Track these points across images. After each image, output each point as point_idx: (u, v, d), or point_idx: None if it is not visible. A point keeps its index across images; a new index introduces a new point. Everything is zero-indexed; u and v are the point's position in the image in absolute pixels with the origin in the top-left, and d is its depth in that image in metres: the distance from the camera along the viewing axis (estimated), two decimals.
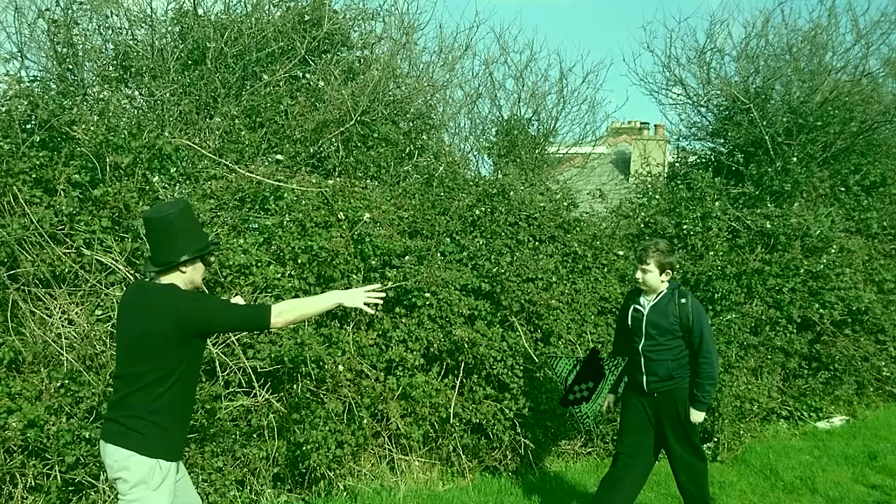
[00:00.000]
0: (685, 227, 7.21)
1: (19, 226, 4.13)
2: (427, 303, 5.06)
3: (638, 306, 4.21)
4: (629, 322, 4.26)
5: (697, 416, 4.14)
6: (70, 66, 5.58)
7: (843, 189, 8.99)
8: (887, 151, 9.67)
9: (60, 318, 4.20)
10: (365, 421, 4.78)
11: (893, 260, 8.61)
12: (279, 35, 6.16)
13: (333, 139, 6.02)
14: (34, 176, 4.29)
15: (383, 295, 3.02)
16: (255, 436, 4.56)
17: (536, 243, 5.97)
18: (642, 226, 7.35)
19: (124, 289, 4.36)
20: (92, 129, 4.49)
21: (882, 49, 9.67)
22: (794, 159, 8.46)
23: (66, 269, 4.25)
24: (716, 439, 6.23)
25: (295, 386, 4.68)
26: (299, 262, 4.67)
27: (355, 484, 4.94)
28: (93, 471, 4.02)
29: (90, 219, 4.37)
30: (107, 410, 2.94)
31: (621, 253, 6.49)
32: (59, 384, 3.98)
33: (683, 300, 4.11)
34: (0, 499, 3.94)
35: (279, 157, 5.56)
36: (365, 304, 2.96)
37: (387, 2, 10.34)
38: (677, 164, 10.10)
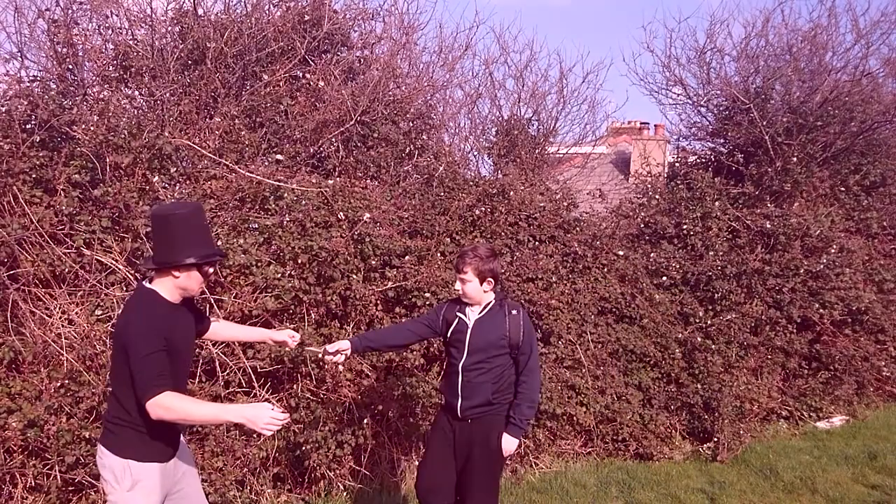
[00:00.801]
0: (685, 227, 7.22)
1: (19, 226, 4.13)
2: (427, 303, 5.06)
3: (463, 317, 3.63)
4: (449, 335, 3.66)
5: (510, 443, 3.59)
6: (70, 66, 5.58)
7: (843, 189, 9.00)
8: (887, 151, 9.68)
9: (60, 318, 4.20)
10: (365, 421, 4.78)
11: (893, 260, 8.62)
12: (279, 35, 6.16)
13: (333, 139, 6.02)
14: (34, 176, 4.30)
15: (286, 421, 2.58)
16: (255, 436, 4.56)
17: (536, 243, 5.97)
18: (642, 226, 7.36)
19: (124, 289, 4.37)
20: (92, 129, 4.50)
21: (882, 49, 9.69)
22: (794, 159, 8.46)
23: (66, 269, 4.25)
24: (716, 439, 6.24)
25: (295, 386, 4.68)
26: (299, 262, 4.67)
27: (355, 484, 4.95)
28: (93, 471, 4.01)
29: (90, 219, 4.37)
30: None
31: (621, 253, 6.50)
32: (59, 384, 3.98)
33: (514, 312, 3.61)
34: (0, 499, 3.94)
35: (279, 157, 5.56)
36: (265, 427, 2.52)
37: (387, 2, 10.35)
38: (677, 164, 10.10)
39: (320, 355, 3.61)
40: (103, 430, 2.76)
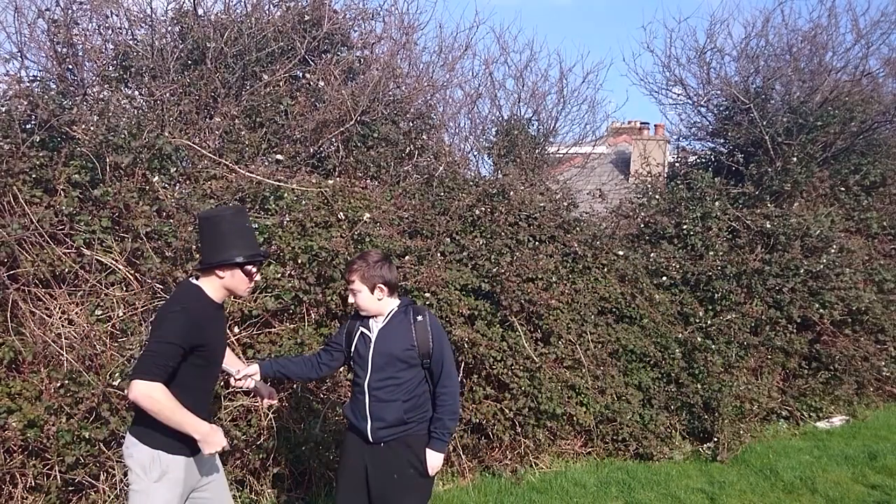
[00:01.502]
0: (685, 227, 7.22)
1: (19, 226, 4.13)
2: (427, 303, 5.06)
3: (366, 331, 3.32)
4: (351, 350, 3.36)
5: (436, 459, 3.28)
6: (70, 66, 5.58)
7: (843, 189, 9.01)
8: (887, 151, 9.69)
9: (60, 318, 4.20)
10: None
11: (893, 260, 8.62)
12: (279, 35, 6.16)
13: (333, 139, 6.03)
14: (34, 176, 4.29)
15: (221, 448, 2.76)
16: (255, 436, 4.56)
17: (536, 243, 5.97)
18: (642, 226, 7.36)
19: (124, 289, 4.37)
20: (92, 129, 4.50)
21: (882, 49, 9.73)
22: (794, 159, 8.47)
23: (66, 269, 4.25)
24: (716, 439, 6.24)
25: (295, 386, 4.68)
26: (299, 262, 4.67)
27: None
28: (93, 471, 4.02)
29: (90, 219, 4.37)
30: None
31: (621, 253, 6.50)
32: (59, 384, 3.98)
33: (420, 317, 3.29)
34: (0, 499, 3.94)
35: (279, 157, 5.56)
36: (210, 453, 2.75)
37: (387, 2, 10.37)
38: (677, 164, 10.11)
39: (232, 380, 3.30)
40: (134, 419, 2.79)
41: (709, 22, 24.05)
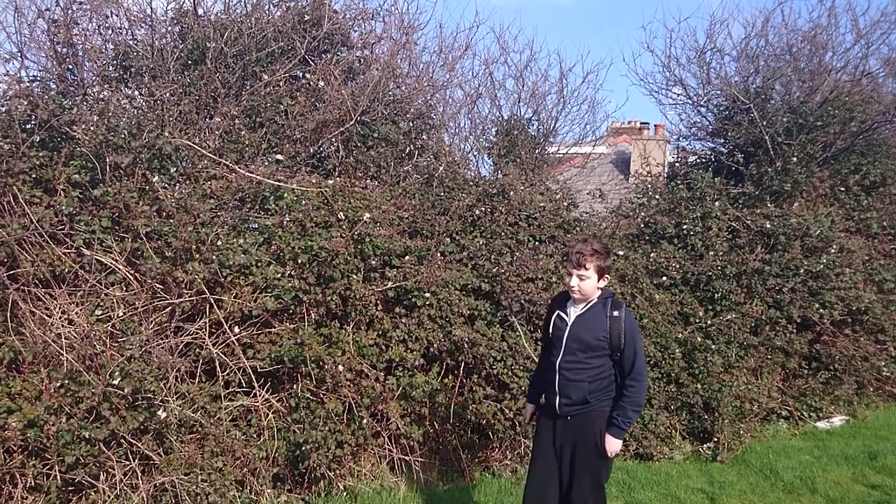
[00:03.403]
0: (685, 227, 7.22)
1: (19, 226, 4.13)
2: (427, 303, 5.06)
3: (563, 314, 3.58)
4: (550, 332, 3.66)
5: (613, 444, 3.49)
6: (70, 66, 5.58)
7: (843, 189, 9.01)
8: (887, 151, 9.69)
9: (60, 318, 4.20)
10: (365, 421, 4.78)
11: (893, 260, 8.62)
12: (279, 35, 6.16)
13: (333, 139, 6.03)
14: (34, 176, 4.30)
15: None
16: (255, 436, 4.56)
17: (536, 243, 5.97)
18: (642, 226, 7.36)
19: (124, 289, 4.37)
20: (92, 129, 4.50)
21: (882, 49, 9.72)
22: (794, 159, 8.47)
23: (66, 269, 4.26)
24: (716, 439, 6.24)
25: (295, 386, 4.68)
26: (299, 262, 4.67)
27: (355, 484, 4.94)
28: (93, 471, 4.02)
29: (90, 219, 4.37)
30: None
31: (621, 253, 6.50)
32: (59, 384, 3.98)
33: (616, 313, 3.49)
34: (0, 499, 3.94)
35: (279, 157, 5.56)
36: None
37: (387, 2, 10.37)
38: (677, 164, 10.11)
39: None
40: None
41: (709, 22, 24.07)
